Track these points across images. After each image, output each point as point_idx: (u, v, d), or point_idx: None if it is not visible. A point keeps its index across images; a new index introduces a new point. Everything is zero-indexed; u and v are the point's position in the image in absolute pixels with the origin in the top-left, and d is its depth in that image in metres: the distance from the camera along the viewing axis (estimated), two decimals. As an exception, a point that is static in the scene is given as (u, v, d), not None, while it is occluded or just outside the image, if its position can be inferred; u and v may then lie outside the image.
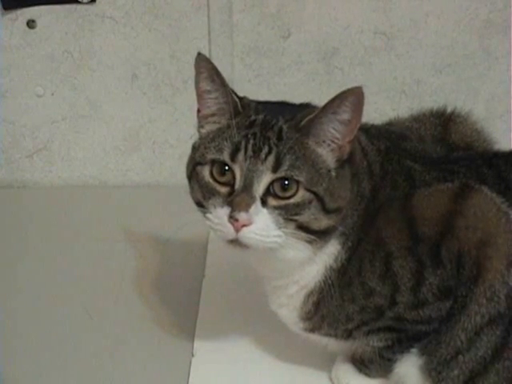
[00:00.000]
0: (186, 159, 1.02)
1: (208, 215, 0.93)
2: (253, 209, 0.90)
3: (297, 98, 1.06)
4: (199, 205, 0.96)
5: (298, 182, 0.92)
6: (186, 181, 1.01)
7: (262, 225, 0.90)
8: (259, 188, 0.91)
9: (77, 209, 1.60)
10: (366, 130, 1.05)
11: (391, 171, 1.00)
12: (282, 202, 0.91)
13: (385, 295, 0.97)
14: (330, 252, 0.99)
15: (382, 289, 0.97)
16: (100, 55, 1.62)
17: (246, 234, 0.90)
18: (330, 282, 0.99)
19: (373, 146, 1.03)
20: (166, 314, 1.27)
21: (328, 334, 1.05)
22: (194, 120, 1.02)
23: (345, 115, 0.92)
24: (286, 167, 0.91)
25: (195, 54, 0.97)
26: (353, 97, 0.90)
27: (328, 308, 1.01)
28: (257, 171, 0.91)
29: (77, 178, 1.72)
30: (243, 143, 0.92)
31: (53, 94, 1.65)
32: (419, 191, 0.97)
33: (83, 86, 1.65)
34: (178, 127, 1.66)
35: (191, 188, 0.98)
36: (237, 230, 0.90)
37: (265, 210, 0.91)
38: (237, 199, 0.90)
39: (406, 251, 0.95)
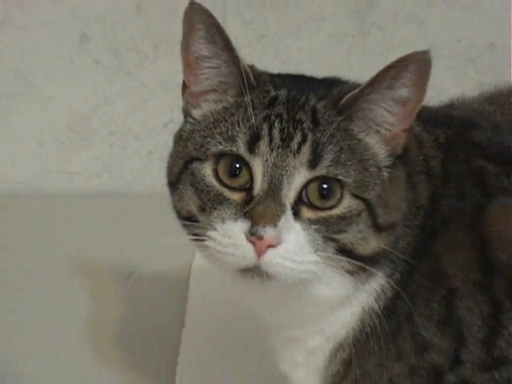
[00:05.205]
0: (159, 156, 1.03)
1: (211, 233, 0.92)
2: (282, 222, 0.90)
3: (316, 71, 1.07)
4: (191, 220, 0.95)
5: (342, 184, 0.92)
6: (158, 187, 1.03)
7: (294, 246, 0.90)
8: (290, 192, 0.91)
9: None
10: (417, 114, 1.06)
11: (456, 173, 1.02)
12: (322, 214, 0.92)
13: (445, 351, 0.98)
14: (371, 288, 0.99)
15: (440, 341, 0.98)
16: (34, 7, 1.63)
17: (273, 258, 0.89)
18: (368, 330, 1.00)
19: (429, 136, 1.04)
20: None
21: (361, 406, 1.06)
22: (172, 100, 1.03)
23: (403, 91, 0.93)
24: (328, 162, 0.92)
25: (170, 6, 0.97)
26: (416, 65, 0.92)
27: (363, 368, 1.02)
28: (287, 167, 0.91)
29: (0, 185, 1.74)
30: (265, 128, 0.93)
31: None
32: (495, 202, 0.98)
33: (9, 52, 1.66)
34: (146, 111, 1.66)
35: (178, 196, 0.97)
36: (259, 253, 0.89)
37: (298, 225, 0.91)
38: (259, 208, 0.90)
39: (475, 288, 0.96)
